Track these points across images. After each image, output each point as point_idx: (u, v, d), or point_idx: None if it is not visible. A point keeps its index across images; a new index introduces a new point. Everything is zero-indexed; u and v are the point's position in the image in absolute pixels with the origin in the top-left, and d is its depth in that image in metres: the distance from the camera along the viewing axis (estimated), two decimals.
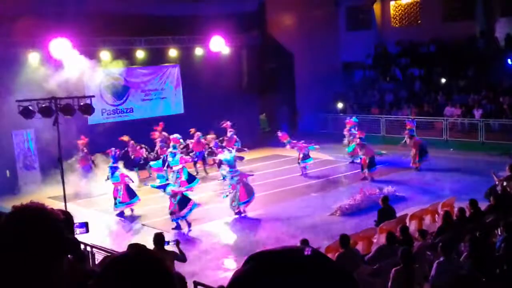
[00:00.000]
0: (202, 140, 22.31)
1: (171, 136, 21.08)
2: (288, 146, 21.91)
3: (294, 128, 29.35)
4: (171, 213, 15.38)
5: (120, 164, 18.15)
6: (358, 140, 20.91)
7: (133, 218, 16.86)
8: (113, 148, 18.62)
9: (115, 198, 17.09)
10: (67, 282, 2.09)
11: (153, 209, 17.22)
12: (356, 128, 22.93)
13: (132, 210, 17.24)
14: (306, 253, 1.32)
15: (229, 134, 22.73)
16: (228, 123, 23.08)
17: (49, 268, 2.04)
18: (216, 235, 15.05)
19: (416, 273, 8.38)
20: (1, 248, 2.02)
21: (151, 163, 19.63)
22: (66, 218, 2.31)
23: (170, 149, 19.53)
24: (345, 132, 23.58)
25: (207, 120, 23.41)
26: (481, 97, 26.59)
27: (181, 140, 21.47)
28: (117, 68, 23.53)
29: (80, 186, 19.24)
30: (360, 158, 20.60)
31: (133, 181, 17.62)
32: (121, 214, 17.01)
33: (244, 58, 28.39)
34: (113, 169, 17.57)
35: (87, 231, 10.66)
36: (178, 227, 15.27)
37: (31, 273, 2.00)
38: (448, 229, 10.72)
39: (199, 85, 25.42)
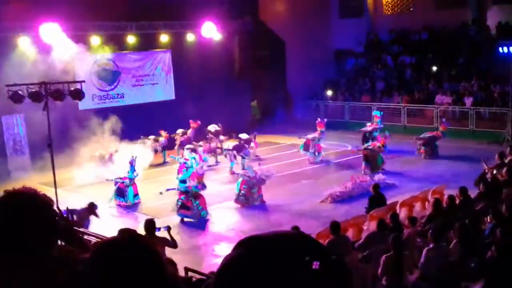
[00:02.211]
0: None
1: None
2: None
3: (289, 115, 29.38)
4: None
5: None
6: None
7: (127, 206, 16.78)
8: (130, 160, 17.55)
9: (122, 192, 16.68)
10: (63, 267, 2.08)
11: (145, 195, 17.19)
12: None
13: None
14: (314, 267, 1.30)
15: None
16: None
17: (41, 253, 2.04)
18: (207, 222, 15.04)
19: (406, 260, 8.43)
20: None
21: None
22: None
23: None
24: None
25: (199, 107, 23.32)
26: (472, 85, 26.66)
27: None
28: (107, 53, 23.36)
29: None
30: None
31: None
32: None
33: (236, 45, 28.25)
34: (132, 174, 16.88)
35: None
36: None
37: (23, 257, 2.00)
38: (438, 216, 10.78)
39: (190, 71, 25.30)
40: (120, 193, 16.76)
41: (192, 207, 14.90)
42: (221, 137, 22.52)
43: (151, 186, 17.97)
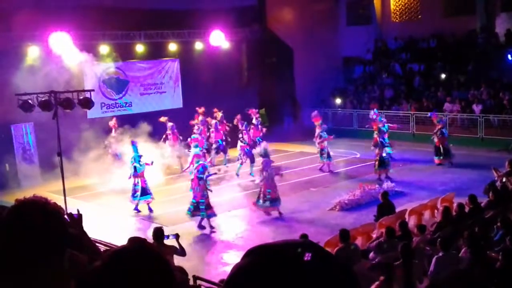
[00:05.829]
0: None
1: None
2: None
3: (297, 123, 29.33)
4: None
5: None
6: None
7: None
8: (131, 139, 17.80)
9: (144, 189, 16.55)
10: (74, 275, 2.10)
11: (154, 203, 17.20)
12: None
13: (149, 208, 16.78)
14: (306, 258, 1.31)
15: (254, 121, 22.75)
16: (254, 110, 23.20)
17: (52, 261, 2.06)
18: (216, 230, 15.03)
19: (415, 269, 8.39)
20: (4, 241, 2.03)
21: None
22: None
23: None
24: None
25: (206, 115, 23.33)
26: (480, 92, 26.56)
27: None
28: (116, 62, 23.48)
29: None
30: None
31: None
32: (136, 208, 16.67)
33: (244, 53, 28.34)
34: (139, 158, 16.71)
35: None
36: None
37: (33, 265, 2.02)
38: (447, 224, 10.74)
39: (198, 79, 25.38)
40: (144, 192, 16.56)
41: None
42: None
43: (161, 194, 18.01)
